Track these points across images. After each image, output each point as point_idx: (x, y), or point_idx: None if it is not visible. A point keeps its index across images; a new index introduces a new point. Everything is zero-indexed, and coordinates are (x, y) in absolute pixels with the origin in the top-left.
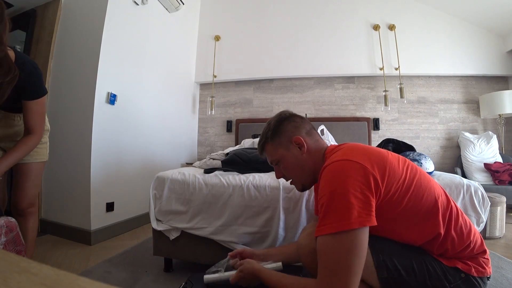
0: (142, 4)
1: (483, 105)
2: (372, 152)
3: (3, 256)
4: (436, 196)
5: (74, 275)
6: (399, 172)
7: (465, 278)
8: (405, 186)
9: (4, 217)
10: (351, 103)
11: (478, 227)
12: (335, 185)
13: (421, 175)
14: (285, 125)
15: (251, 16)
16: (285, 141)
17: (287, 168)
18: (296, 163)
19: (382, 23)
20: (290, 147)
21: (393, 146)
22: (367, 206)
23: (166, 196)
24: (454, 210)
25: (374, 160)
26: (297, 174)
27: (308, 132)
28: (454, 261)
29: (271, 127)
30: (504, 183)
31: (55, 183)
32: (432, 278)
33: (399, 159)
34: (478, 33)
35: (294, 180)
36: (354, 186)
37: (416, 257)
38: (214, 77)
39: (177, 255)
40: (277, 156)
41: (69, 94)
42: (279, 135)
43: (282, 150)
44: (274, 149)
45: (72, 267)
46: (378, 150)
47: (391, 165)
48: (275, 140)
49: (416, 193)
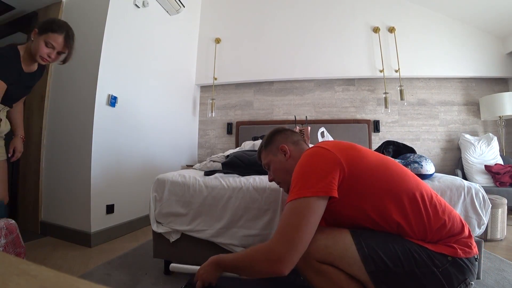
0: (143, 6)
1: (483, 107)
2: (340, 142)
3: (3, 258)
4: (407, 178)
5: (74, 277)
6: (365, 154)
7: (452, 261)
8: (374, 165)
9: (4, 219)
10: (351, 105)
11: (479, 229)
12: (301, 164)
13: (394, 163)
14: (276, 136)
15: (251, 19)
16: (274, 149)
17: (274, 170)
18: (281, 167)
19: (382, 25)
20: (277, 154)
21: (393, 148)
22: (325, 180)
23: (166, 198)
24: (427, 191)
25: (339, 146)
26: (282, 176)
27: (295, 142)
28: (439, 245)
29: (266, 138)
30: (505, 185)
31: (55, 185)
32: (419, 265)
33: (371, 151)
34: (478, 35)
35: (281, 182)
36: (316, 164)
37: (400, 247)
38: (215, 79)
39: (177, 257)
40: (267, 160)
41: (70, 96)
42: (270, 144)
43: (271, 156)
44: (266, 155)
45: (72, 269)
46: (351, 143)
47: (357, 149)
48: (267, 148)
49: (383, 172)
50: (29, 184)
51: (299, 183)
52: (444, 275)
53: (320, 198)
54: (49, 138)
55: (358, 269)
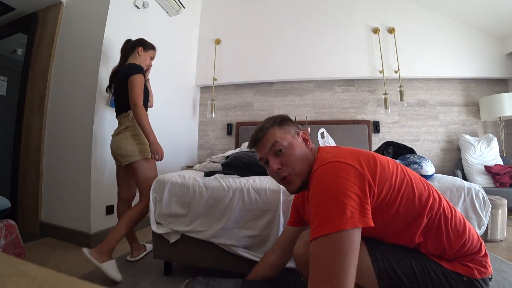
0: (143, 7)
1: (483, 108)
2: (361, 153)
3: (2, 259)
4: (428, 193)
5: (73, 278)
6: (390, 172)
7: (467, 281)
8: (397, 185)
9: (4, 220)
10: (351, 106)
11: (480, 230)
12: (327, 186)
13: (411, 175)
14: (289, 122)
15: (251, 20)
16: (293, 131)
17: (292, 156)
18: (302, 154)
19: (382, 26)
20: (297, 137)
21: (393, 149)
22: (360, 207)
23: (166, 199)
24: (446, 206)
25: (364, 161)
26: (300, 166)
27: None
28: (455, 264)
29: (278, 117)
30: (505, 186)
31: (55, 186)
32: (434, 283)
33: (388, 160)
34: (478, 36)
35: (294, 173)
36: (345, 187)
37: (416, 262)
38: (215, 80)
39: (177, 258)
40: (285, 142)
41: (70, 97)
42: (287, 124)
43: (290, 137)
44: (283, 133)
45: (72, 270)
46: (367, 151)
47: (382, 165)
48: (284, 126)
49: (408, 192)
50: (29, 184)
51: (331, 211)
52: None
53: (358, 228)
54: (49, 138)
55: (371, 283)
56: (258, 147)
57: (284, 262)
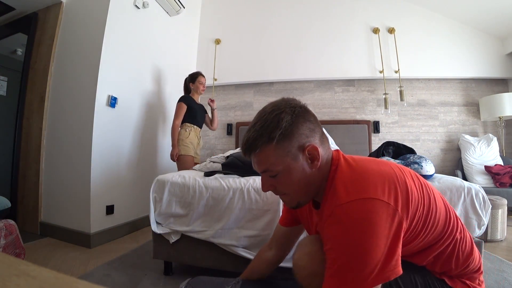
0: (143, 7)
1: (483, 108)
2: (391, 176)
3: (2, 259)
4: (448, 215)
5: (73, 278)
6: (417, 198)
7: None
8: (423, 214)
9: (4, 220)
10: (351, 106)
11: (480, 230)
12: (356, 238)
13: (434, 193)
14: (300, 125)
15: (251, 20)
16: (296, 148)
17: (288, 183)
18: (302, 179)
19: (382, 26)
20: (299, 157)
21: (393, 149)
22: (392, 259)
23: (166, 199)
24: (460, 227)
25: (399, 190)
26: (298, 192)
27: (321, 138)
28: (455, 281)
29: (283, 124)
30: (505, 186)
31: (55, 186)
32: None
33: (412, 175)
34: (477, 36)
35: (289, 196)
36: (379, 237)
37: (420, 278)
38: (215, 80)
39: (177, 258)
40: (280, 167)
41: (70, 97)
42: (290, 138)
43: (289, 160)
44: (278, 156)
45: (72, 270)
46: (393, 170)
47: (411, 191)
48: (283, 144)
49: (433, 220)
50: (29, 184)
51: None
52: None
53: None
54: (49, 138)
55: None
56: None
57: (280, 261)
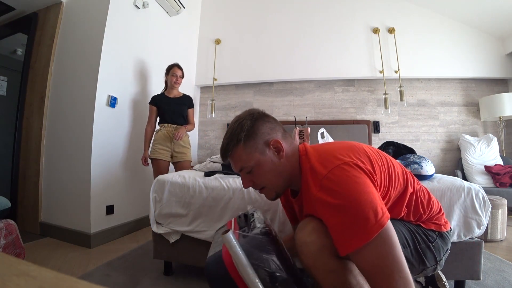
0: (143, 7)
1: (483, 108)
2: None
3: (2, 259)
4: (402, 168)
5: (73, 278)
6: (376, 157)
7: (439, 235)
8: (386, 169)
9: (4, 220)
10: (351, 106)
11: (479, 230)
12: (350, 192)
13: (386, 155)
14: (260, 126)
15: (251, 20)
16: (261, 144)
17: (262, 175)
18: (273, 169)
19: (382, 26)
20: (266, 151)
21: (393, 149)
22: (381, 200)
23: (166, 199)
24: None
25: (360, 153)
26: (273, 181)
27: (284, 135)
28: (428, 224)
29: (245, 127)
30: (505, 186)
31: (55, 186)
32: (419, 242)
33: (368, 146)
34: (478, 36)
35: (267, 188)
36: (365, 186)
37: (403, 227)
38: (215, 80)
39: (177, 258)
40: (252, 162)
41: (70, 97)
42: (254, 137)
43: (258, 155)
44: (248, 153)
45: (72, 270)
46: (348, 143)
47: (370, 153)
48: (249, 142)
49: (394, 173)
50: (29, 184)
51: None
52: (435, 248)
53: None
54: (49, 138)
55: None
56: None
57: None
